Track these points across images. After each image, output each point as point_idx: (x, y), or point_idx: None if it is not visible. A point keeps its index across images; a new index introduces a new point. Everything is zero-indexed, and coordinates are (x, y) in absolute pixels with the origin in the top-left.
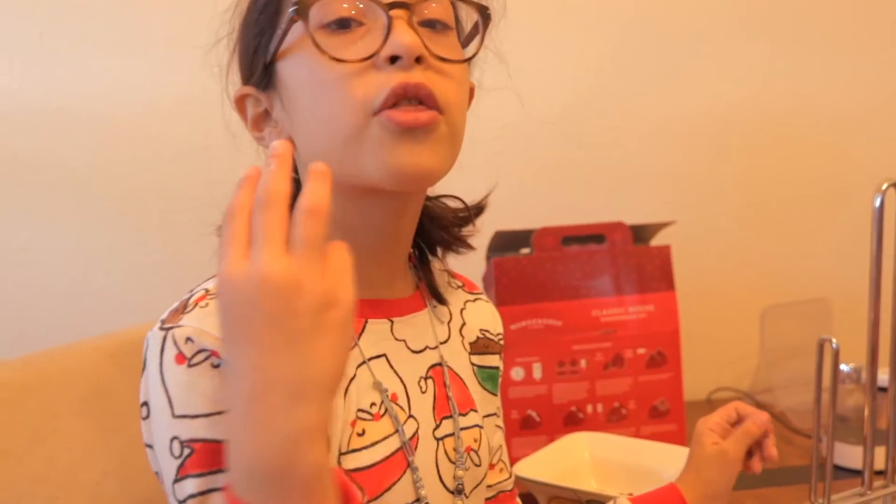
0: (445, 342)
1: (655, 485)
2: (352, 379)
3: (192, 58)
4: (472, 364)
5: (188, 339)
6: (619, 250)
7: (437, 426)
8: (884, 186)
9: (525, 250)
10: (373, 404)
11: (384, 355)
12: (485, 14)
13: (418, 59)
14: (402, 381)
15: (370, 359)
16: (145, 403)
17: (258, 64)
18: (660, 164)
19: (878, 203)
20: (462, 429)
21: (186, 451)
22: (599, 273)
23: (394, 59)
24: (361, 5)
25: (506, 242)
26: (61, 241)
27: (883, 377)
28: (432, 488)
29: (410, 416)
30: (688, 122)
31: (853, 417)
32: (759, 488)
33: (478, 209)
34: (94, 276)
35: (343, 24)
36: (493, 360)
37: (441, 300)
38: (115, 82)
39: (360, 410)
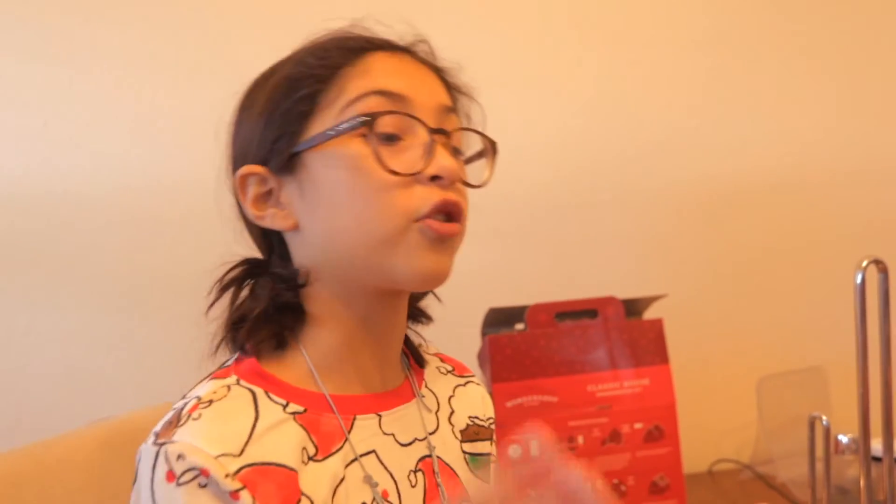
0: (434, 432)
1: None
2: (341, 480)
3: (193, 142)
4: (464, 452)
5: (179, 456)
6: (613, 325)
7: None
8: (864, 263)
9: (519, 326)
10: (363, 503)
11: (374, 451)
12: (494, 147)
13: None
14: (392, 477)
15: (360, 456)
16: None
17: (282, 149)
18: (650, 236)
19: (859, 280)
20: None
21: None
22: (593, 348)
23: (434, 178)
24: (411, 125)
25: (500, 319)
26: (61, 324)
27: (878, 446)
28: None
29: None
30: (678, 193)
31: (853, 489)
32: None
33: None
34: (93, 359)
35: (391, 138)
36: (485, 447)
37: (420, 362)
38: (118, 167)
39: None
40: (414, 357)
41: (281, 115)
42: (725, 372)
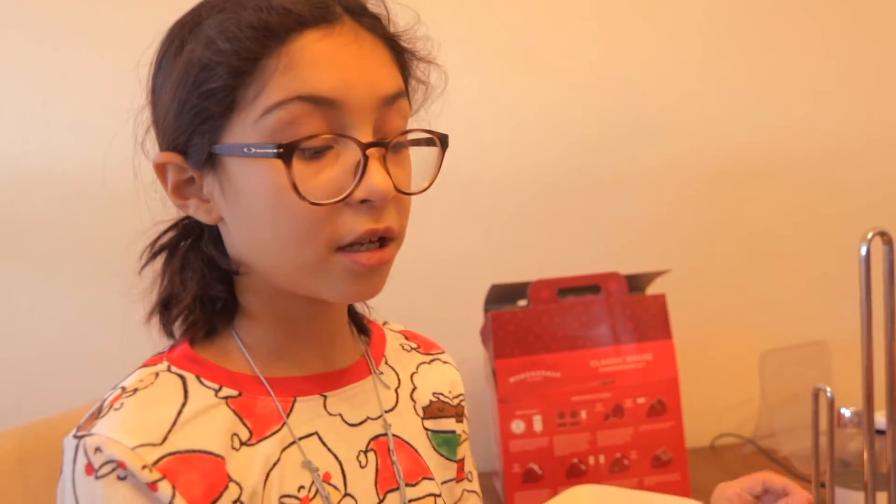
0: (392, 409)
1: None
2: (274, 464)
3: None
4: (426, 429)
5: (97, 449)
6: (615, 300)
7: (381, 501)
8: (869, 235)
9: (522, 303)
10: (301, 487)
11: (315, 433)
12: (445, 143)
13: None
14: (336, 458)
15: (300, 438)
16: None
17: (197, 145)
18: (653, 212)
19: (864, 252)
20: (412, 500)
21: None
22: (596, 323)
23: (365, 200)
24: (338, 139)
25: (502, 295)
26: (63, 304)
27: (882, 420)
28: None
29: (347, 494)
30: (680, 168)
31: (856, 462)
32: None
33: None
34: (95, 339)
35: (318, 152)
36: (450, 424)
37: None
38: (121, 147)
39: (284, 496)
40: (358, 328)
41: (193, 110)
42: (728, 347)
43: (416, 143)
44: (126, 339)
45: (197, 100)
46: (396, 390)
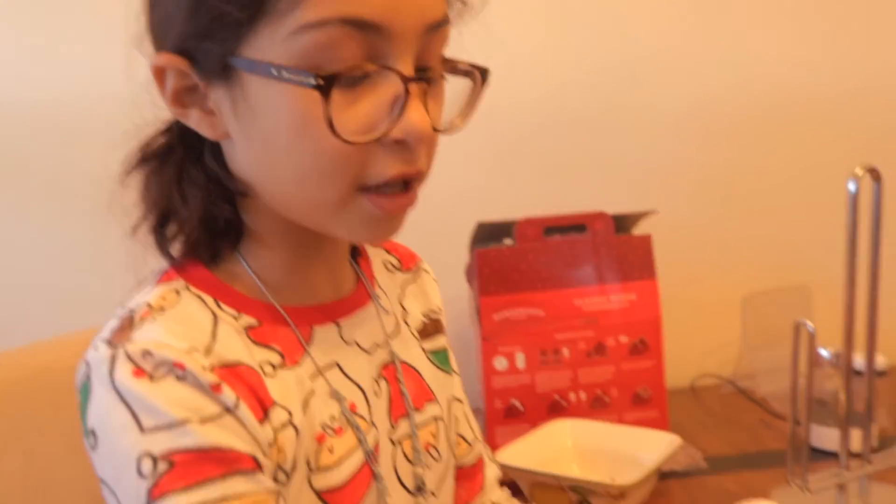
0: (394, 334)
1: (636, 470)
2: (311, 393)
3: None
4: (424, 350)
5: (146, 353)
6: (601, 240)
7: (394, 429)
8: (859, 172)
9: (508, 241)
10: (332, 417)
11: (336, 363)
12: (484, 76)
13: None
14: (359, 388)
15: (324, 369)
16: (92, 432)
17: (210, 52)
18: (641, 153)
19: (852, 188)
20: (418, 426)
21: (163, 467)
22: (581, 263)
23: (400, 140)
24: (381, 71)
25: (488, 234)
26: (40, 236)
27: (861, 360)
28: (394, 492)
29: (372, 423)
30: (669, 112)
31: (832, 401)
32: (739, 471)
33: None
34: (73, 271)
35: (355, 81)
36: (441, 341)
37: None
38: (92, 75)
39: (323, 426)
40: (351, 249)
41: (211, 12)
42: (711, 289)
43: (453, 72)
44: (105, 269)
45: (217, 0)
46: (394, 313)
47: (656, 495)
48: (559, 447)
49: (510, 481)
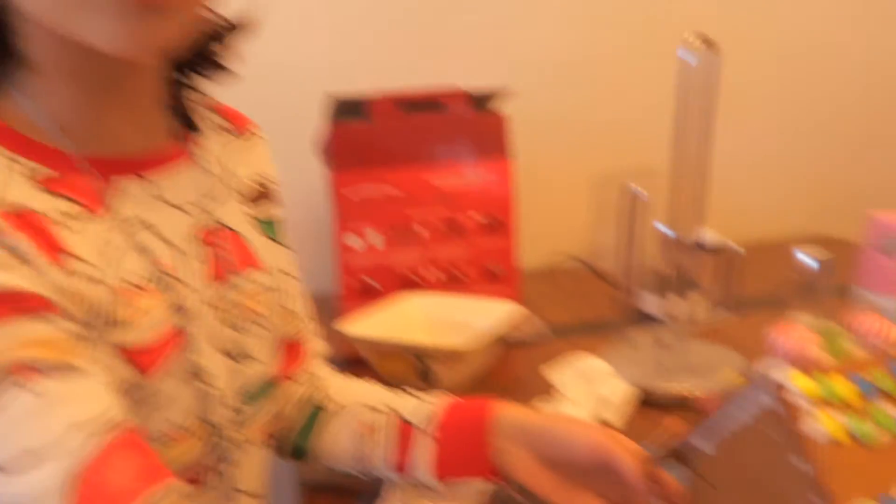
0: (217, 197)
1: (480, 338)
2: (107, 244)
3: None
4: (252, 216)
5: None
6: (458, 118)
7: (212, 292)
8: (690, 38)
9: (362, 116)
10: (135, 273)
11: (141, 218)
12: None
13: None
14: (167, 245)
15: (127, 222)
16: None
17: None
18: (498, 29)
19: (682, 55)
20: (239, 290)
21: None
22: (437, 140)
23: None
24: None
25: (343, 109)
26: None
27: (700, 236)
28: (207, 354)
29: (180, 281)
30: None
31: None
32: (578, 337)
33: (232, 26)
34: None
35: None
36: (273, 211)
37: (192, 126)
38: None
39: (124, 280)
40: (187, 124)
41: None
42: (565, 171)
43: None
44: None
45: None
46: (216, 174)
47: (501, 362)
48: (407, 319)
49: (356, 357)
